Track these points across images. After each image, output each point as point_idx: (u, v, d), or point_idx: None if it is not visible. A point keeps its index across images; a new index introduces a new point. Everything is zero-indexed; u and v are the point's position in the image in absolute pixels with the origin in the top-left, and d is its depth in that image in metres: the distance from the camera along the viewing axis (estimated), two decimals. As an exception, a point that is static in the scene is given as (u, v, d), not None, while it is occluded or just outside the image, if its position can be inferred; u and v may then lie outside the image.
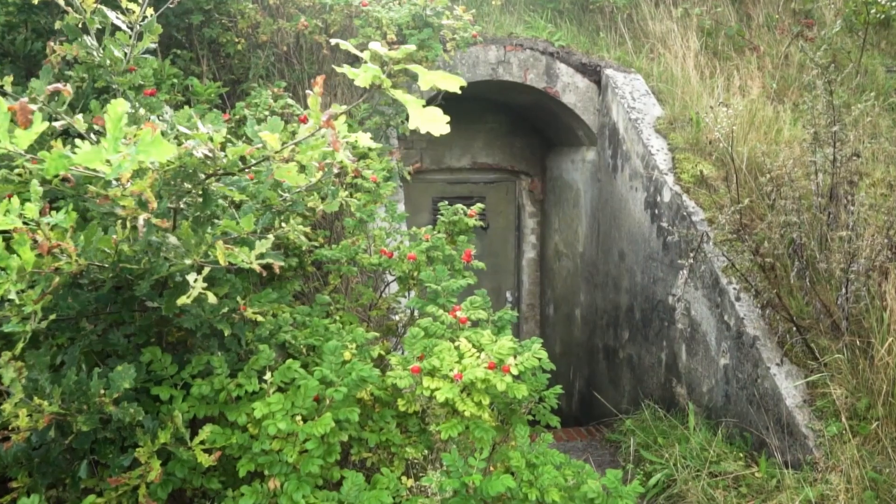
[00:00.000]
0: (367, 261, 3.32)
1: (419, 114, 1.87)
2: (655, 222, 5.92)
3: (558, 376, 8.57)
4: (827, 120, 4.62)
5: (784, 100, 6.45)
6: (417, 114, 1.87)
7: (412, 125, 1.88)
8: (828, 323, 4.44)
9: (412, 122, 1.88)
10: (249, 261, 2.02)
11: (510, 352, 2.51)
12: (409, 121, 1.88)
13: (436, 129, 1.89)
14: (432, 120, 1.88)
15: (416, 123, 1.88)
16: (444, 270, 3.06)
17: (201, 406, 2.36)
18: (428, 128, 1.89)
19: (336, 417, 2.27)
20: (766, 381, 4.51)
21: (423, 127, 1.89)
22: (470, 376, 2.36)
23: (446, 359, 2.46)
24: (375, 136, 5.33)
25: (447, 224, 3.49)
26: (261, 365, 2.42)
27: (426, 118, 1.88)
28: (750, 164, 5.28)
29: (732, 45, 7.31)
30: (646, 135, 6.21)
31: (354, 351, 2.66)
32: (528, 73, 7.03)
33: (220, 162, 1.99)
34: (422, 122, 1.88)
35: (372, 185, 3.74)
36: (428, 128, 1.89)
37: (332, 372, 2.36)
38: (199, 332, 2.36)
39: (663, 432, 5.06)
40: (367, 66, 1.88)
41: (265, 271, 3.32)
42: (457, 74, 6.59)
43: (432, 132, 1.90)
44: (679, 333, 5.56)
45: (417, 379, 2.47)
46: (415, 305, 3.00)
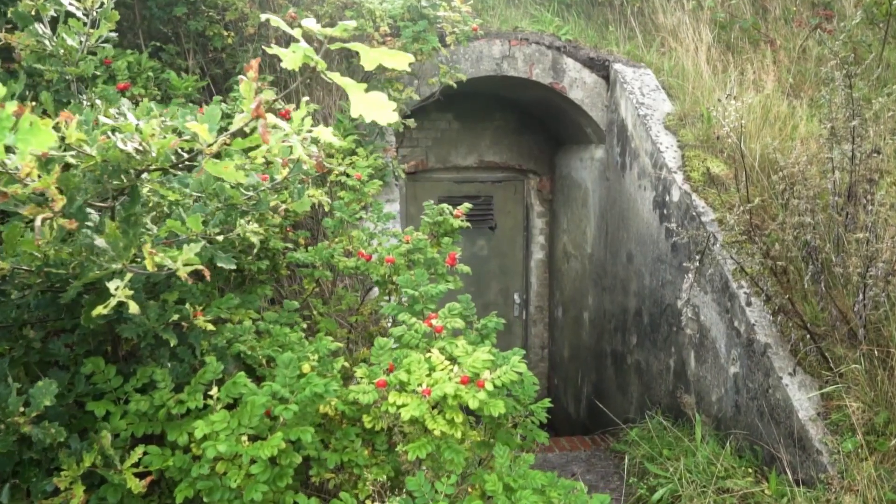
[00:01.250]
0: (343, 264, 3.12)
1: (361, 100, 1.66)
2: (664, 223, 5.66)
3: (567, 381, 8.33)
4: (845, 114, 4.34)
5: (801, 95, 6.15)
6: (359, 100, 1.66)
7: (354, 112, 1.68)
8: (844, 330, 4.16)
9: (353, 109, 1.67)
10: (175, 266, 1.83)
11: (486, 365, 2.29)
12: (351, 108, 1.67)
13: (381, 116, 1.68)
14: (376, 106, 1.67)
15: (359, 110, 1.67)
16: (423, 274, 2.85)
17: (140, 424, 2.17)
18: (371, 115, 1.68)
19: (287, 437, 2.06)
20: (777, 392, 4.25)
21: (366, 114, 1.68)
22: (439, 392, 2.14)
23: (415, 372, 2.25)
24: (370, 132, 5.13)
25: (431, 225, 3.27)
26: (207, 379, 2.23)
27: (369, 104, 1.67)
28: (763, 161, 5.01)
29: (747, 39, 7.02)
30: (654, 131, 5.95)
31: (315, 363, 2.46)
32: (534, 69, 6.80)
33: (150, 157, 1.79)
34: (364, 108, 1.67)
35: (356, 183, 3.53)
36: (371, 115, 1.68)
37: (286, 387, 2.16)
38: (144, 342, 2.17)
39: (669, 444, 4.80)
40: (296, 45, 1.67)
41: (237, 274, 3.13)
42: (459, 70, 6.39)
43: (378, 120, 1.69)
44: (688, 339, 5.30)
45: (384, 393, 2.26)
46: (389, 312, 2.79)
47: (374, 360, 2.41)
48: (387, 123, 1.70)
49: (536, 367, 8.98)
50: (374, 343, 2.44)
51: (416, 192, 8.56)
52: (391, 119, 1.69)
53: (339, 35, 1.73)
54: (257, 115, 1.72)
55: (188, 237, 2.16)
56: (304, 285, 3.42)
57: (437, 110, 8.25)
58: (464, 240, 8.65)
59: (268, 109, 3.61)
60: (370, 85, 5.11)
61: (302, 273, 3.31)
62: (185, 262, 1.82)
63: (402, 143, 8.27)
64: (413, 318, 2.58)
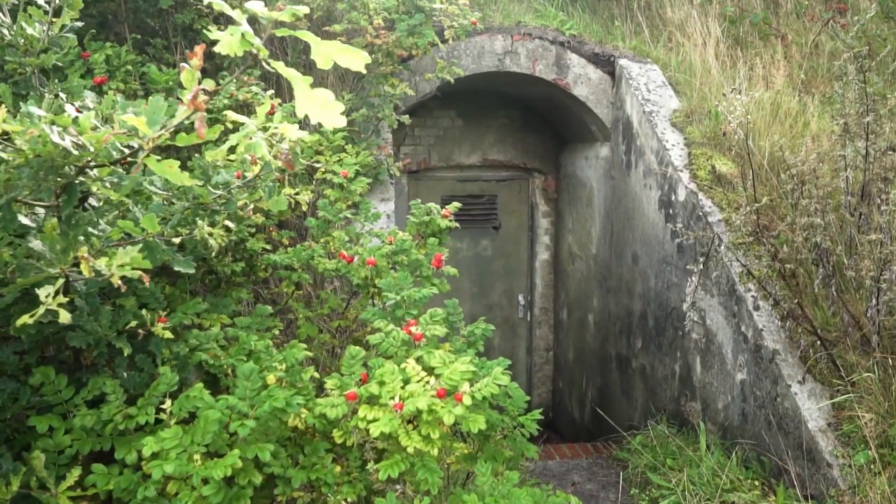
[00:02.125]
0: (322, 266, 2.96)
1: (307, 97, 1.50)
2: (670, 223, 5.47)
3: (572, 384, 8.14)
4: (859, 109, 4.14)
5: (812, 91, 5.94)
6: (305, 97, 1.50)
7: (299, 111, 1.52)
8: (857, 337, 3.97)
9: (299, 108, 1.51)
10: (109, 272, 1.67)
11: (467, 376, 2.12)
12: (296, 106, 1.51)
13: (327, 118, 1.52)
14: (322, 105, 1.51)
15: (304, 109, 1.51)
16: (406, 277, 2.69)
17: (87, 440, 2.02)
18: (318, 116, 1.52)
19: (244, 455, 1.90)
20: (786, 401, 4.05)
21: (312, 114, 1.52)
22: (411, 407, 1.98)
23: (389, 384, 2.08)
24: (364, 129, 4.97)
25: (418, 225, 3.10)
26: (161, 391, 2.08)
27: (315, 102, 1.51)
28: (772, 159, 4.81)
29: (757, 34, 6.80)
30: (660, 129, 5.76)
31: (283, 373, 2.30)
32: (537, 64, 6.62)
33: (88, 152, 1.64)
34: (310, 107, 1.51)
35: (342, 181, 3.37)
36: (318, 116, 1.52)
37: (245, 400, 2.00)
38: (97, 351, 2.02)
39: (673, 453, 4.62)
40: (234, 28, 1.51)
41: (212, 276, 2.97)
42: (460, 66, 6.22)
43: (323, 122, 1.53)
44: (693, 344, 5.11)
45: (354, 407, 2.10)
46: (368, 317, 2.63)
47: (345, 371, 2.25)
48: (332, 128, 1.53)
49: (541, 369, 8.80)
50: (346, 352, 2.28)
51: (419, 191, 8.39)
52: (338, 122, 1.53)
53: (287, 20, 1.57)
54: (193, 106, 1.55)
55: (145, 238, 2.01)
56: (283, 288, 3.27)
57: (440, 108, 8.09)
58: (468, 240, 8.48)
59: (241, 105, 3.44)
60: (365, 79, 4.95)
61: (279, 276, 3.16)
62: (127, 265, 1.66)
63: (403, 140, 8.13)
64: (390, 325, 2.42)
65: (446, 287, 3.04)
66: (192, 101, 1.55)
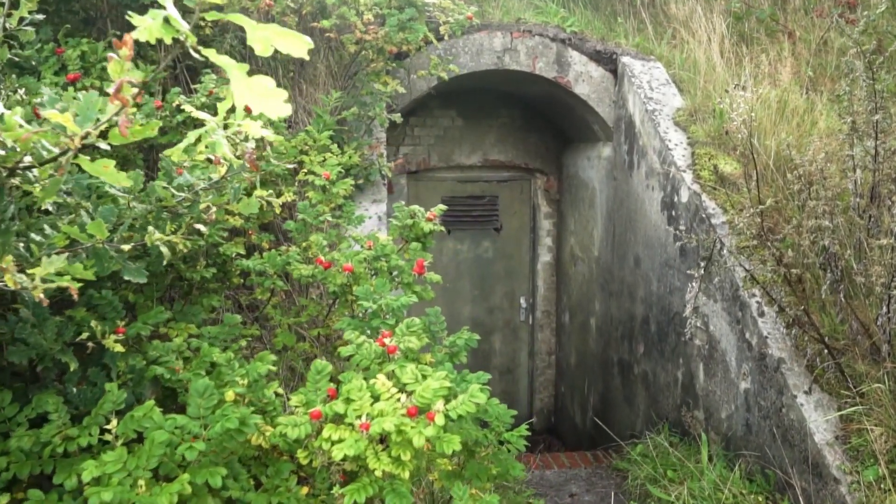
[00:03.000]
0: (297, 272, 2.81)
1: (245, 86, 1.35)
2: (672, 225, 5.29)
3: (574, 389, 7.97)
4: (868, 107, 3.96)
5: (821, 89, 5.75)
6: (243, 86, 1.35)
7: (239, 101, 1.36)
8: (866, 345, 3.78)
9: (238, 98, 1.36)
10: (32, 285, 1.53)
11: (441, 393, 1.96)
12: (235, 96, 1.36)
13: (270, 107, 1.37)
14: (263, 94, 1.36)
15: (244, 99, 1.36)
16: (385, 284, 2.53)
17: (26, 463, 1.87)
18: (259, 106, 1.36)
19: (194, 480, 1.75)
20: (791, 412, 3.88)
21: (252, 104, 1.36)
22: (377, 428, 1.82)
23: (356, 401, 1.93)
24: (355, 128, 4.82)
25: (400, 228, 2.95)
26: (107, 409, 1.93)
27: (255, 91, 1.36)
28: (778, 159, 4.63)
29: (764, 31, 6.61)
30: (663, 128, 5.59)
31: (243, 389, 2.15)
32: (537, 62, 6.45)
33: (15, 152, 1.49)
34: (250, 96, 1.35)
35: (324, 182, 3.22)
36: (259, 106, 1.36)
37: (198, 419, 1.85)
38: (41, 366, 1.87)
39: (673, 464, 4.44)
40: (156, 11, 1.36)
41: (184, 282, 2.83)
42: (458, 64, 6.06)
43: (266, 112, 1.38)
44: (696, 351, 4.94)
45: (319, 426, 1.95)
46: (342, 327, 2.48)
47: (309, 386, 2.10)
48: (277, 118, 1.38)
49: (543, 373, 8.63)
50: (311, 366, 2.13)
51: (419, 192, 8.24)
52: (283, 112, 1.37)
53: (219, 1, 1.42)
54: (116, 100, 1.40)
55: (93, 245, 1.86)
56: (257, 295, 3.12)
57: (440, 107, 7.94)
58: (468, 241, 8.33)
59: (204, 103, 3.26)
60: (357, 77, 4.80)
61: (253, 282, 3.02)
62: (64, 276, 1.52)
63: (403, 140, 7.98)
64: (361, 337, 2.27)
65: (430, 294, 2.89)
66: (116, 94, 1.40)
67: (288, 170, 3.58)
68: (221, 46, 4.41)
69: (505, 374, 8.66)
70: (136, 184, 2.36)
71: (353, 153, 4.34)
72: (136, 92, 1.44)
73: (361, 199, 4.73)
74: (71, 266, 1.69)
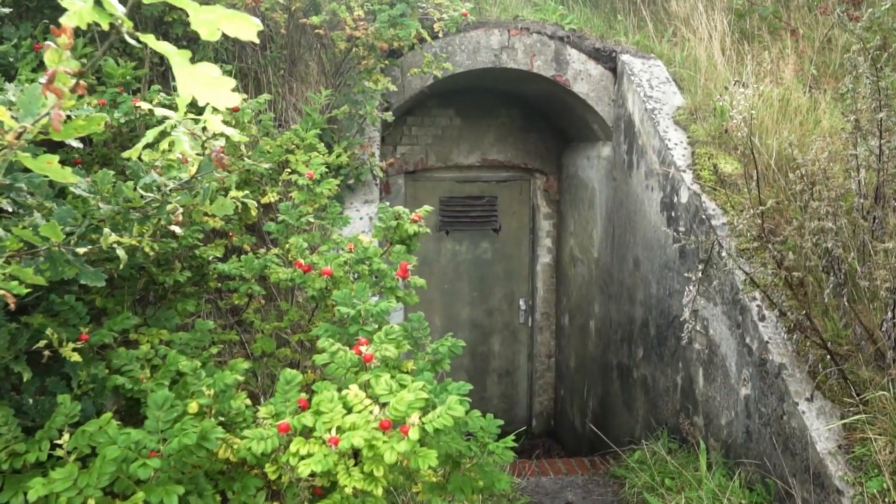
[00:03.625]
0: (275, 276, 2.70)
1: (188, 75, 1.24)
2: (672, 226, 5.17)
3: (573, 393, 7.84)
4: (871, 105, 3.83)
5: (824, 87, 5.62)
6: (186, 75, 1.24)
7: (182, 92, 1.26)
8: (870, 351, 3.66)
9: (181, 89, 1.25)
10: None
11: (417, 405, 1.85)
12: (178, 87, 1.25)
13: (216, 97, 1.26)
14: (208, 83, 1.25)
15: (188, 88, 1.25)
16: (365, 289, 2.42)
17: (-29, 480, 1.77)
18: (205, 96, 1.26)
19: (149, 499, 1.65)
20: (793, 419, 3.76)
21: (198, 94, 1.25)
22: (346, 443, 1.71)
23: (327, 413, 1.82)
24: (347, 127, 4.71)
25: (384, 230, 2.84)
26: (59, 423, 1.82)
27: (199, 80, 1.25)
28: (780, 159, 4.51)
29: (767, 28, 6.49)
30: (663, 127, 5.47)
31: (208, 400, 2.04)
32: (535, 60, 6.34)
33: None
34: (194, 86, 1.24)
35: (308, 182, 3.11)
36: (205, 96, 1.26)
37: (156, 434, 1.75)
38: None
39: (671, 472, 4.32)
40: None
41: (158, 286, 2.73)
42: (454, 62, 5.95)
43: (213, 103, 1.27)
44: (696, 355, 4.82)
45: (287, 440, 1.84)
46: (318, 333, 2.38)
47: (278, 398, 1.99)
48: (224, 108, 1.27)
49: (543, 376, 8.52)
50: (280, 376, 2.02)
51: (417, 192, 8.13)
52: (230, 102, 1.27)
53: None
54: (48, 91, 1.29)
55: (48, 248, 1.76)
56: (234, 300, 3.01)
57: (438, 106, 7.83)
58: (467, 242, 8.21)
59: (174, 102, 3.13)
60: (347, 75, 4.69)
61: (229, 286, 2.91)
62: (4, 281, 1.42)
63: (400, 140, 7.87)
64: (336, 345, 2.16)
65: (414, 299, 2.78)
66: (47, 85, 1.29)
67: (272, 169, 3.48)
68: (208, 45, 4.30)
69: (504, 376, 8.55)
70: (104, 183, 2.25)
71: (342, 152, 4.23)
72: (75, 83, 1.33)
73: (353, 200, 4.63)
74: (21, 270, 1.59)
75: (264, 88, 4.72)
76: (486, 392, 8.50)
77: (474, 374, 8.43)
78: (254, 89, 4.75)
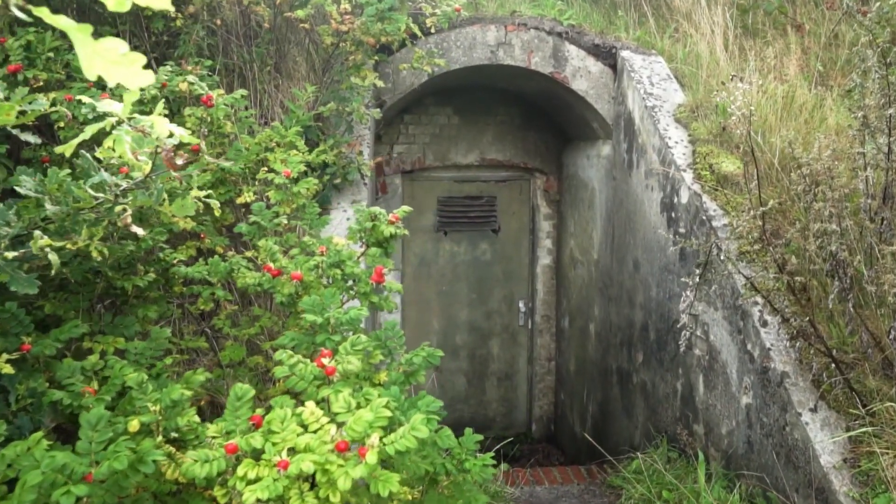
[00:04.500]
0: (242, 280, 2.55)
1: (93, 52, 1.08)
2: (672, 227, 5.00)
3: (573, 397, 7.67)
4: (880, 101, 3.65)
5: (830, 84, 5.44)
6: (89, 52, 1.08)
7: (87, 72, 1.10)
8: (878, 360, 3.48)
9: (86, 67, 1.10)
10: None
11: (379, 423, 1.69)
12: (82, 65, 1.10)
13: (125, 77, 1.11)
14: (115, 61, 1.09)
15: (93, 68, 1.09)
16: (335, 295, 2.27)
17: None
18: (113, 76, 1.10)
19: (77, 531, 1.50)
20: (795, 431, 3.58)
21: (105, 74, 1.10)
22: (295, 468, 1.56)
23: (278, 433, 1.67)
24: (335, 124, 4.56)
25: (359, 232, 2.68)
26: (-20, 445, 1.68)
27: (106, 58, 1.09)
28: (784, 158, 4.33)
29: (772, 23, 6.30)
30: (663, 125, 5.29)
31: (152, 417, 1.89)
32: (533, 57, 6.17)
33: None
34: (100, 64, 1.09)
35: (284, 180, 2.96)
36: (113, 76, 1.10)
37: (89, 456, 1.60)
38: (-86, 392, 1.62)
39: (668, 484, 4.15)
40: None
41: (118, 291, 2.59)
42: (449, 58, 5.78)
43: (124, 83, 1.11)
44: (696, 361, 4.64)
45: (234, 462, 1.69)
46: (282, 343, 2.22)
47: (228, 415, 1.84)
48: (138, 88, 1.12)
49: (543, 380, 8.35)
50: (231, 391, 1.87)
51: (414, 192, 7.99)
52: (142, 81, 1.11)
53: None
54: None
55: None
56: (199, 305, 2.86)
57: (435, 104, 7.68)
58: (465, 243, 8.06)
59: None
60: (334, 70, 4.54)
61: (192, 290, 2.76)
62: None
63: (397, 139, 7.72)
64: (295, 357, 2.00)
65: (390, 305, 2.62)
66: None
67: (249, 168, 3.33)
68: (189, 37, 4.16)
69: (503, 380, 8.38)
70: (52, 182, 2.11)
71: (328, 150, 4.08)
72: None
73: (340, 200, 4.48)
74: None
75: (250, 85, 4.57)
76: (486, 396, 8.34)
77: (473, 378, 8.28)
78: (239, 86, 4.60)
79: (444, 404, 7.11)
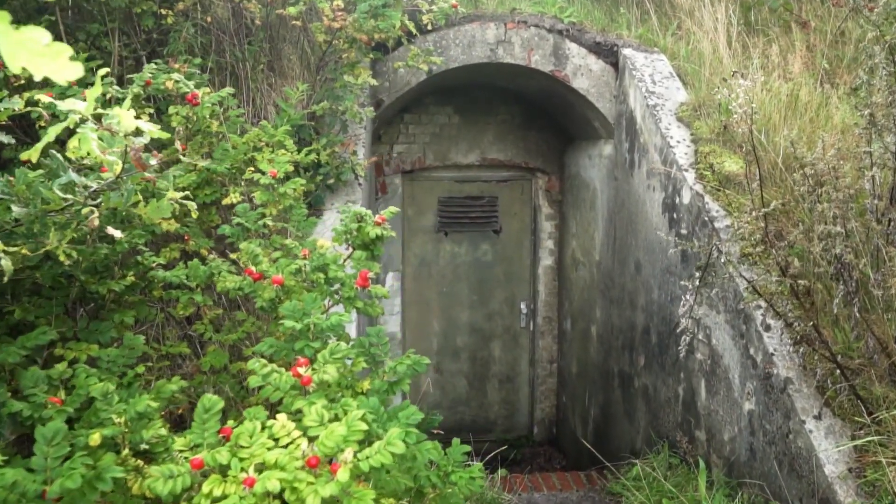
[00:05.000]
0: (222, 284, 2.47)
1: (14, 43, 0.99)
2: (674, 228, 4.89)
3: (575, 400, 7.57)
4: (887, 99, 3.54)
5: (836, 82, 5.32)
6: (11, 42, 0.99)
7: (11, 64, 1.01)
8: (884, 366, 3.37)
9: (9, 59, 1.00)
10: None
11: (352, 438, 1.60)
12: (5, 58, 1.00)
13: (52, 69, 1.01)
14: (40, 52, 1.00)
15: (16, 60, 1.00)
16: (316, 300, 2.18)
17: None
18: (39, 68, 1.01)
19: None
20: (799, 439, 3.47)
21: (29, 65, 1.01)
22: (261, 486, 1.47)
23: (246, 448, 1.58)
24: (329, 123, 4.48)
25: (345, 233, 2.59)
26: (-71, 461, 1.59)
27: (29, 49, 1.00)
28: (788, 157, 4.22)
29: (777, 21, 6.18)
30: (665, 124, 5.19)
31: (117, 430, 1.80)
32: (533, 55, 6.07)
33: None
34: (24, 56, 1.00)
35: (270, 181, 2.87)
36: (39, 68, 1.01)
37: (44, 472, 1.51)
38: None
39: (669, 492, 4.05)
40: None
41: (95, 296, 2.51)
42: (448, 57, 5.68)
43: (51, 76, 1.02)
44: (698, 365, 4.54)
45: (199, 478, 1.60)
46: (260, 350, 2.14)
47: (195, 428, 1.75)
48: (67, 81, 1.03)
49: (545, 382, 8.25)
50: (198, 403, 1.78)
51: (415, 192, 7.90)
52: (70, 74, 1.02)
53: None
54: None
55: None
56: (178, 310, 2.78)
57: (435, 103, 7.59)
58: (466, 244, 7.96)
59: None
60: (327, 68, 4.45)
61: (171, 295, 2.68)
62: None
63: (397, 138, 7.63)
64: (269, 366, 1.92)
65: (377, 310, 2.53)
66: None
67: (235, 168, 3.25)
68: (179, 35, 4.08)
69: (505, 382, 8.29)
70: (20, 183, 2.03)
71: (321, 149, 3.99)
72: None
73: (333, 201, 4.39)
74: None
75: (243, 84, 4.49)
76: (487, 398, 8.25)
77: (474, 380, 8.19)
78: (232, 85, 4.52)
79: (445, 407, 7.03)
